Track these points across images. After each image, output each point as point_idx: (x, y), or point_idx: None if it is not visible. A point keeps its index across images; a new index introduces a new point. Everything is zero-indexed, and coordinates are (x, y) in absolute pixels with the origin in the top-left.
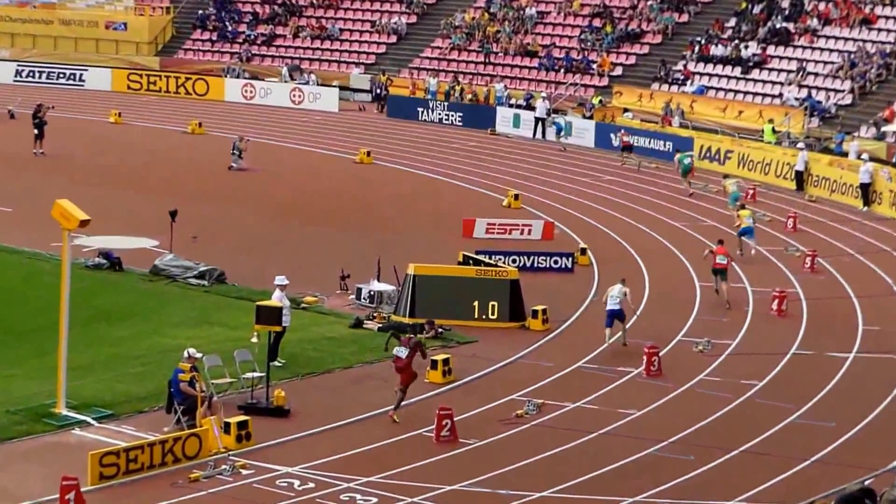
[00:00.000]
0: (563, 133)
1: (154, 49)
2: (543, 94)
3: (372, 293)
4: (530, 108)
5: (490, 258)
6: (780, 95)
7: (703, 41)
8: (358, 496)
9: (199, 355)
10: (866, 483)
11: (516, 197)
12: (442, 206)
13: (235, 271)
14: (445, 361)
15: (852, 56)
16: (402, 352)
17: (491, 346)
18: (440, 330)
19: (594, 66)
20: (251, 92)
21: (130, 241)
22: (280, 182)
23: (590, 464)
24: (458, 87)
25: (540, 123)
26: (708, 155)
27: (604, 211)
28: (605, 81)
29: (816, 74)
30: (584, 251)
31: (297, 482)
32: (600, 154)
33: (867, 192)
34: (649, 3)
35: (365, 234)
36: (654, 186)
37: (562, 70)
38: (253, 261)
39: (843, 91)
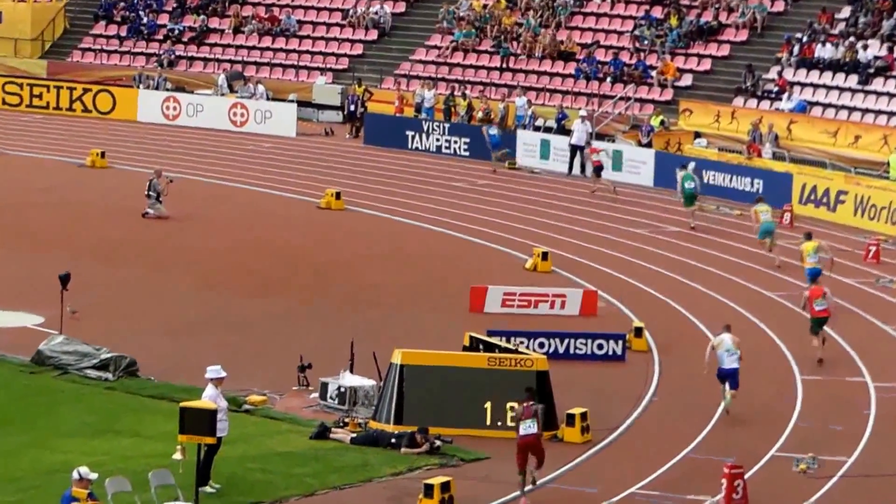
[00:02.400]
0: (501, 149)
1: (39, 49)
2: (582, 113)
3: (342, 390)
4: (564, 131)
5: (508, 341)
6: None
7: (804, 39)
8: None
9: (94, 476)
10: None
11: (544, 256)
12: (441, 268)
13: (151, 359)
14: (445, 486)
15: None
16: (530, 426)
17: (510, 465)
18: (437, 442)
19: (654, 73)
20: (175, 109)
21: (4, 316)
22: (214, 235)
23: None
24: (462, 103)
25: (578, 153)
26: (812, 197)
27: (667, 275)
28: (668, 95)
29: None
30: (639, 332)
31: None
32: (662, 196)
33: None
34: None
35: (333, 309)
36: (736, 241)
37: (608, 79)
38: (176, 345)
39: None
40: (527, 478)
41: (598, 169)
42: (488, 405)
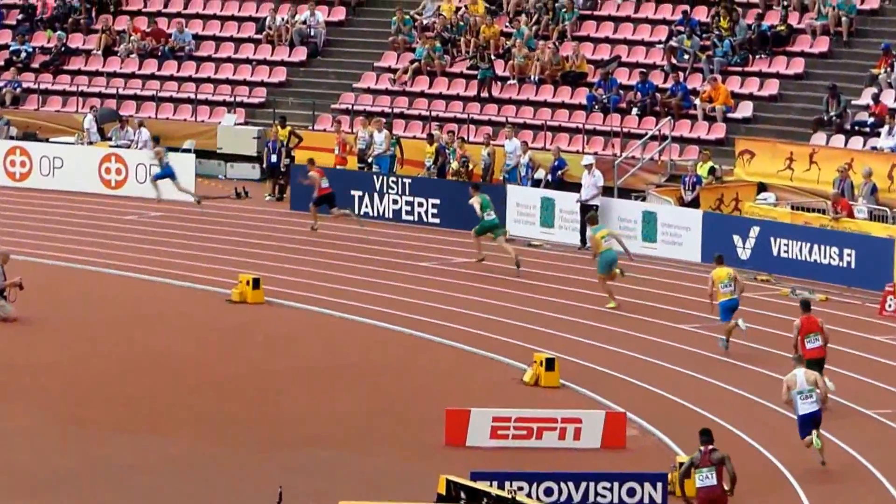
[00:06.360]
0: (169, 176)
1: None
2: (587, 161)
3: None
4: (566, 186)
5: (501, 487)
6: None
7: None
8: None
9: None
10: None
11: (550, 365)
12: (404, 385)
13: None
14: None
15: None
16: (708, 476)
17: None
18: None
19: (698, 101)
20: (23, 165)
21: None
22: (83, 346)
23: None
24: (429, 149)
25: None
26: None
27: (723, 388)
28: (719, 131)
29: None
30: (687, 470)
31: None
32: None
33: None
34: None
35: (252, 448)
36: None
37: (634, 111)
38: None
39: None
40: None
41: (329, 198)
42: None
